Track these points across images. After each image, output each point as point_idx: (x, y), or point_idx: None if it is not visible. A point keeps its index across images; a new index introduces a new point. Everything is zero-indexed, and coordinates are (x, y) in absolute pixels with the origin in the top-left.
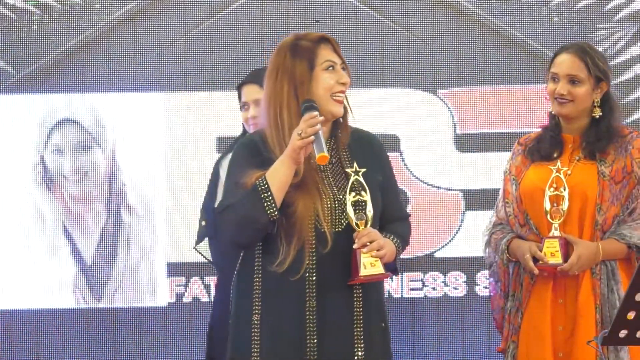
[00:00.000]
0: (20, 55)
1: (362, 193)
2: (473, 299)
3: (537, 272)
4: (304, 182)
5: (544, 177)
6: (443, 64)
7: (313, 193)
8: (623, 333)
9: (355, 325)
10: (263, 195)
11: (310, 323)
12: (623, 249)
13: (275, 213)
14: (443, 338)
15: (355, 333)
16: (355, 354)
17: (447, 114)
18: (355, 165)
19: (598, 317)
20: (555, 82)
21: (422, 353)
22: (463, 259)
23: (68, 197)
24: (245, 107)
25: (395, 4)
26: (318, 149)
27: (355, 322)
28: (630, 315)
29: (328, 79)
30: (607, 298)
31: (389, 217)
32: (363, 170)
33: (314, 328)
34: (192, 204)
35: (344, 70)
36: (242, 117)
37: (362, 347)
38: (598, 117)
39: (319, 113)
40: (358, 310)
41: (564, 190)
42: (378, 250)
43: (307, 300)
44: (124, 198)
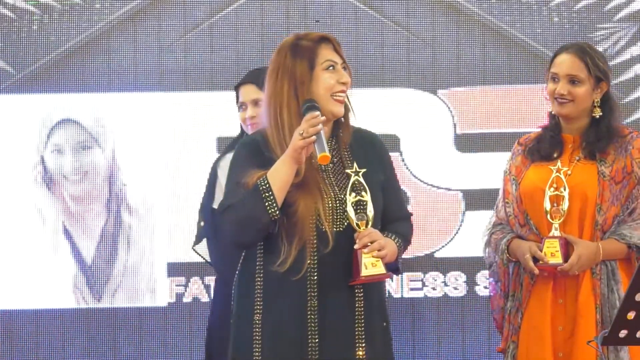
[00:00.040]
0: (20, 55)
1: (362, 193)
2: (473, 299)
3: (537, 272)
4: (305, 181)
5: (544, 177)
6: (443, 64)
7: (314, 193)
8: (623, 333)
9: (357, 325)
10: (264, 195)
11: (312, 323)
12: (623, 249)
13: (277, 213)
14: (443, 338)
15: (357, 333)
16: (357, 354)
17: (447, 114)
18: (355, 166)
19: (598, 317)
20: (555, 82)
21: (422, 353)
22: (463, 259)
23: (68, 197)
24: (243, 107)
25: (395, 4)
26: (319, 149)
27: (357, 322)
28: (630, 315)
29: (328, 79)
30: (607, 298)
31: (391, 216)
32: (363, 171)
33: (316, 328)
34: (192, 204)
35: (345, 70)
36: (239, 117)
37: (363, 347)
38: (598, 117)
39: (320, 113)
40: (359, 310)
41: (564, 190)
42: (379, 251)
43: (308, 300)
44: (124, 198)
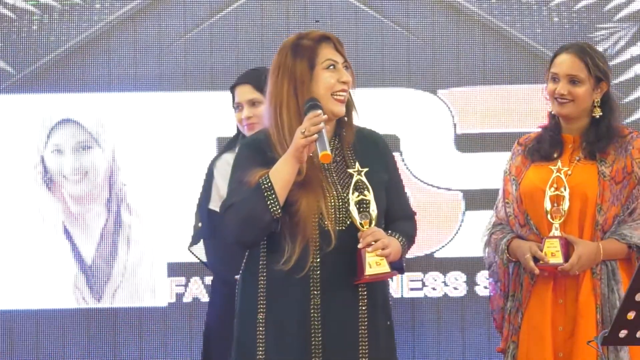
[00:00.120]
0: (20, 55)
1: (365, 192)
2: (473, 299)
3: (537, 271)
4: (308, 180)
5: (544, 177)
6: (443, 64)
7: (317, 191)
8: (623, 333)
9: (360, 324)
10: (266, 194)
11: (315, 321)
12: (623, 249)
13: (279, 211)
14: (443, 338)
15: (360, 332)
16: (360, 353)
17: (447, 114)
18: (358, 165)
19: (598, 317)
20: (556, 82)
21: (422, 353)
22: (463, 259)
23: (68, 197)
24: (239, 107)
25: (395, 4)
26: (321, 147)
27: (360, 321)
28: (630, 315)
29: (329, 78)
30: (607, 298)
31: (394, 215)
32: (365, 170)
33: (319, 326)
34: (192, 204)
35: (347, 69)
36: (235, 118)
37: (366, 346)
38: (598, 117)
39: (322, 111)
40: (363, 310)
41: (565, 190)
42: (383, 249)
43: (311, 299)
44: (124, 198)
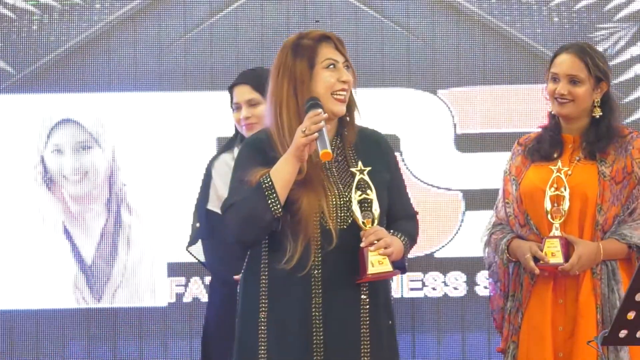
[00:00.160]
0: (20, 55)
1: (367, 191)
2: (473, 299)
3: (538, 271)
4: (309, 179)
5: (544, 177)
6: (443, 64)
7: (318, 190)
8: (623, 333)
9: (362, 324)
10: (267, 193)
11: (317, 320)
12: (624, 249)
13: (279, 210)
14: (443, 338)
15: (362, 331)
16: (362, 352)
17: (447, 114)
18: (360, 164)
19: (599, 317)
20: (556, 82)
21: (422, 353)
22: (463, 259)
23: (68, 197)
24: (238, 108)
25: (395, 4)
26: (322, 146)
27: (362, 320)
28: (630, 315)
29: (328, 77)
30: (607, 298)
31: (396, 215)
32: (368, 169)
33: (320, 325)
34: (192, 204)
35: (348, 69)
36: (234, 118)
37: (368, 345)
38: (598, 117)
39: (323, 110)
40: (365, 309)
41: (565, 190)
42: (385, 248)
43: (312, 297)
44: (124, 198)
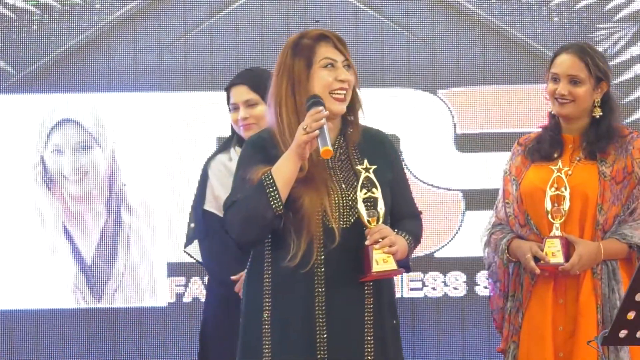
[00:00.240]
0: (20, 55)
1: (373, 190)
2: (473, 299)
3: (538, 271)
4: (311, 177)
5: (545, 177)
6: (443, 64)
7: (321, 189)
8: (623, 333)
9: (366, 323)
10: (268, 190)
11: (320, 318)
12: (624, 249)
13: (280, 208)
14: (443, 338)
15: (366, 330)
16: (366, 351)
17: (447, 114)
18: (366, 162)
19: (599, 317)
20: (556, 82)
21: (422, 353)
22: (463, 259)
23: (68, 197)
24: (235, 108)
25: (395, 4)
26: (322, 143)
27: (367, 319)
28: (630, 315)
29: (326, 77)
30: (608, 298)
31: (400, 214)
32: (374, 167)
33: (324, 323)
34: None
35: (348, 68)
36: (231, 118)
37: (372, 345)
38: (598, 117)
39: (324, 108)
40: (369, 308)
41: (565, 190)
42: (390, 247)
43: (316, 296)
44: (124, 198)
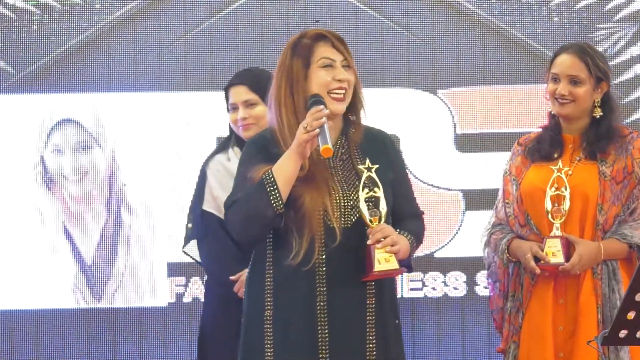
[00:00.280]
0: (20, 55)
1: (374, 189)
2: (473, 299)
3: (539, 271)
4: (312, 176)
5: (545, 177)
6: (443, 64)
7: (322, 188)
8: (623, 333)
9: (368, 323)
10: (269, 189)
11: (322, 317)
12: (624, 249)
13: (281, 206)
14: (443, 338)
15: (368, 330)
16: (368, 351)
17: (447, 114)
18: (368, 162)
19: (599, 317)
20: (556, 82)
21: (422, 353)
22: (463, 259)
23: (68, 197)
24: (234, 108)
25: (395, 4)
26: (322, 141)
27: (368, 319)
28: (630, 315)
29: (324, 76)
30: (608, 298)
31: (402, 214)
32: (376, 167)
33: (325, 323)
34: None
35: (347, 68)
36: (230, 118)
37: (374, 344)
38: (598, 117)
39: (325, 106)
40: (371, 308)
41: (565, 190)
42: (392, 246)
43: (317, 295)
44: (124, 198)
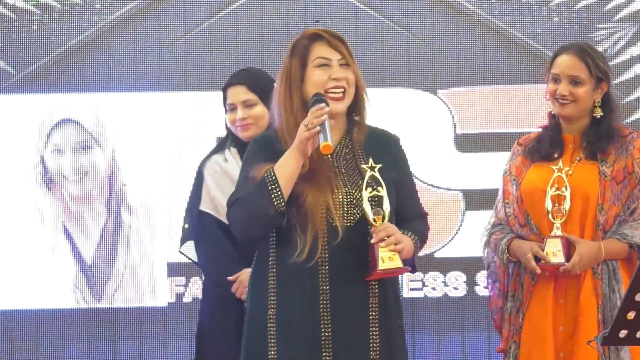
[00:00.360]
0: (20, 55)
1: (378, 188)
2: (473, 299)
3: (539, 271)
4: (314, 174)
5: (545, 177)
6: (443, 64)
7: (324, 187)
8: (623, 333)
9: (371, 322)
10: (270, 187)
11: (325, 315)
12: (625, 249)
13: (283, 204)
14: (443, 338)
15: (371, 329)
16: (371, 350)
17: (447, 114)
18: (371, 161)
19: (600, 317)
20: (556, 82)
21: (422, 353)
22: (463, 259)
23: (68, 197)
24: (232, 108)
25: (395, 4)
26: (323, 138)
27: (371, 318)
28: (630, 315)
29: (320, 76)
30: (608, 298)
31: (406, 214)
32: (379, 166)
33: (328, 321)
34: None
35: (346, 67)
36: (228, 119)
37: (377, 344)
38: (599, 117)
39: (326, 104)
40: (374, 307)
41: (566, 190)
42: (396, 244)
43: (320, 294)
44: (124, 198)
